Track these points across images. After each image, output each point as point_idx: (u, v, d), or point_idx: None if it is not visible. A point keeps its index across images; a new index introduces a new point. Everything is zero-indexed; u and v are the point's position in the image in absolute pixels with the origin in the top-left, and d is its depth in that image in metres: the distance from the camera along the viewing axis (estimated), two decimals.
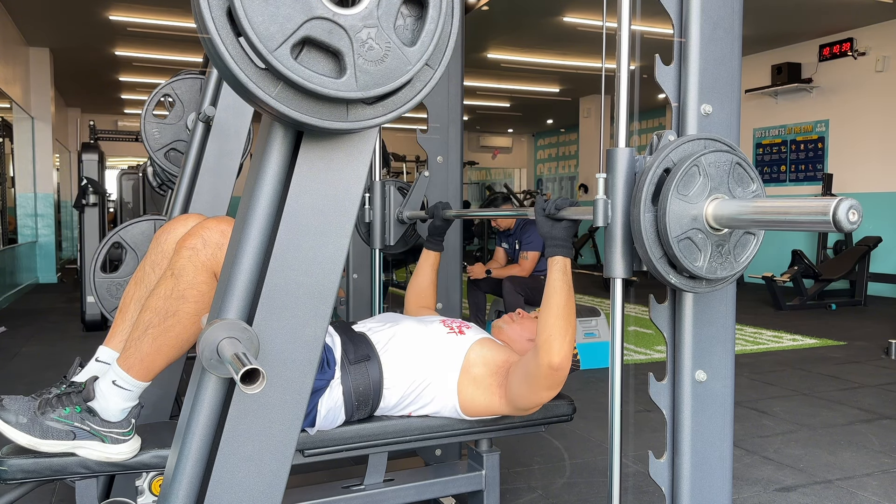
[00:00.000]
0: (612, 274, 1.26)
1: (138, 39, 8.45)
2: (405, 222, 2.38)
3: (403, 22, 1.06)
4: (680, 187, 1.15)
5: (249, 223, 1.18)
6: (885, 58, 7.86)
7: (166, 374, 2.09)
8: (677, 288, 1.22)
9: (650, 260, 1.18)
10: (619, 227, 1.23)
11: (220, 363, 1.09)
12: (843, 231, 0.97)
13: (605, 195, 1.24)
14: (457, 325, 1.85)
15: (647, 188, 1.17)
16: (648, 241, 1.17)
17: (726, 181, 1.18)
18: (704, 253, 1.17)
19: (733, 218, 1.14)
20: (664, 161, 1.18)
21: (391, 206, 2.38)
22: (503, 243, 5.13)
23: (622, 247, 1.24)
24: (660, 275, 1.19)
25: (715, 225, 1.17)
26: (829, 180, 8.09)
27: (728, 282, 1.26)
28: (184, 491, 1.21)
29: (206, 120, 2.34)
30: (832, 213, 0.96)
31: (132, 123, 13.45)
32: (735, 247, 1.21)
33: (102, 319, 5.57)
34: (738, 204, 1.15)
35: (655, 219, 1.17)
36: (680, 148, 1.20)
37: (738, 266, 1.21)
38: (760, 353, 4.98)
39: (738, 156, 1.20)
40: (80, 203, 5.81)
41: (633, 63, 1.26)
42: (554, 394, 1.68)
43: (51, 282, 9.52)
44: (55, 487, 2.45)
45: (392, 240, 2.39)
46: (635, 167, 1.23)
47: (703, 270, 1.17)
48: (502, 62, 9.59)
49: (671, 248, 1.15)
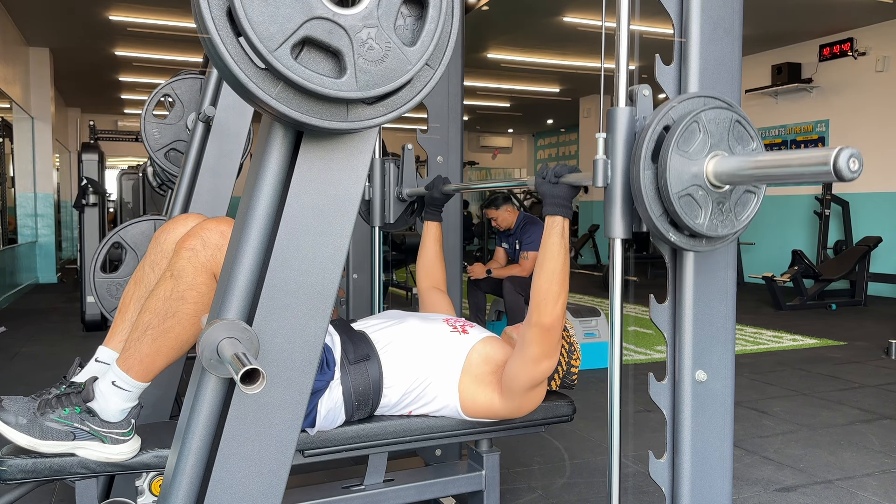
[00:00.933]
0: (612, 234, 1.26)
1: (138, 39, 8.45)
2: (405, 200, 2.38)
3: (403, 22, 1.06)
4: (680, 143, 1.14)
5: (249, 223, 1.17)
6: (885, 58, 7.86)
7: (166, 374, 2.09)
8: (677, 247, 1.22)
9: (650, 218, 1.18)
10: (619, 187, 1.23)
11: (220, 363, 1.09)
12: (843, 180, 0.96)
13: (604, 155, 1.24)
14: (460, 324, 1.85)
15: (647, 145, 1.17)
16: (648, 198, 1.17)
17: (726, 138, 1.18)
18: (705, 210, 1.17)
19: (734, 174, 1.14)
20: (664, 118, 1.18)
21: (391, 184, 2.38)
22: (503, 243, 5.13)
23: (622, 206, 1.24)
24: (659, 233, 1.19)
25: (715, 182, 1.17)
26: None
27: (728, 240, 1.25)
28: (184, 491, 1.21)
29: (206, 120, 2.34)
30: (833, 162, 0.95)
31: (132, 123, 13.45)
32: (736, 205, 1.21)
33: (102, 319, 5.57)
34: (738, 159, 1.15)
35: (656, 176, 1.17)
36: (680, 105, 1.20)
37: (738, 224, 1.21)
38: (760, 353, 4.98)
39: (738, 114, 1.20)
40: (80, 203, 5.81)
41: (632, 63, 1.27)
42: (547, 365, 1.65)
43: (51, 282, 9.52)
44: (55, 487, 2.45)
45: (392, 217, 2.39)
46: (635, 127, 1.23)
47: (703, 228, 1.17)
48: (502, 62, 9.59)
49: (672, 205, 1.15)
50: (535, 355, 1.63)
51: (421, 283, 2.20)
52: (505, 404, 1.73)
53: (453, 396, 1.73)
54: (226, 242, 1.48)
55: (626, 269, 1.31)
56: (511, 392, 1.71)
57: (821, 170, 0.98)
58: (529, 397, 1.74)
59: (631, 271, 9.09)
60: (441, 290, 2.18)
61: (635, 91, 1.24)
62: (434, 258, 2.19)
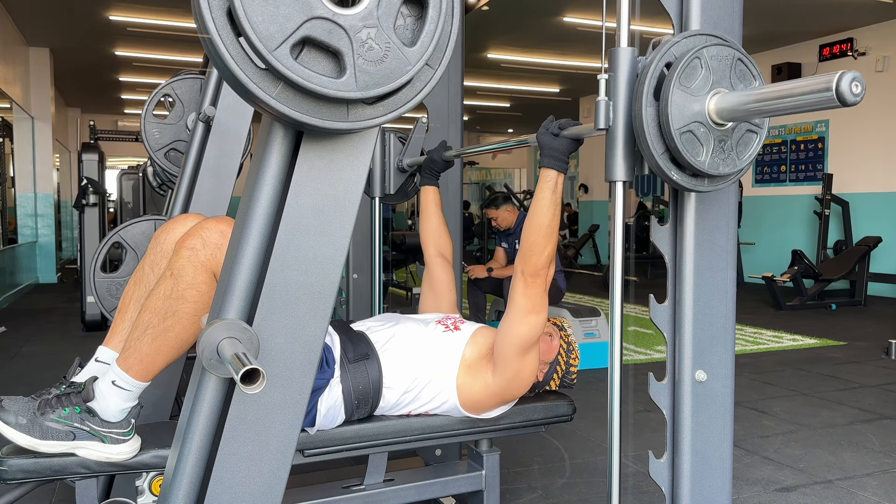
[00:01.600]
0: (613, 177, 1.25)
1: (138, 39, 8.45)
2: (405, 170, 2.38)
3: (403, 22, 1.06)
4: (682, 79, 1.14)
5: (249, 223, 1.17)
6: (885, 58, 7.86)
7: (166, 374, 2.09)
8: (679, 186, 1.21)
9: (652, 156, 1.17)
10: (621, 127, 1.23)
11: (220, 363, 1.09)
12: (846, 104, 0.95)
13: (606, 96, 1.24)
14: (452, 321, 1.85)
15: (648, 82, 1.16)
16: (650, 136, 1.16)
17: (728, 76, 1.18)
18: (707, 147, 1.17)
19: (735, 109, 1.14)
20: (666, 55, 1.18)
21: (391, 154, 2.38)
22: (503, 243, 5.13)
23: (623, 147, 1.23)
24: (662, 171, 1.18)
25: (717, 119, 1.17)
26: (829, 180, 8.09)
27: (730, 181, 1.25)
28: (184, 491, 1.21)
29: (206, 120, 2.34)
30: (835, 86, 0.95)
31: (132, 123, 13.46)
32: (737, 144, 1.21)
33: (102, 319, 5.57)
34: (739, 94, 1.14)
35: (657, 113, 1.16)
36: (681, 42, 1.19)
37: (740, 163, 1.21)
38: (760, 353, 4.98)
39: (739, 51, 1.19)
40: (80, 203, 5.81)
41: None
42: (534, 321, 1.65)
43: (51, 282, 9.52)
44: (55, 487, 2.45)
45: (392, 188, 2.39)
46: (637, 68, 1.23)
47: (705, 165, 1.17)
48: (502, 62, 9.59)
49: (673, 142, 1.14)
50: (522, 307, 1.64)
51: (427, 251, 2.18)
52: (497, 379, 1.72)
53: (452, 394, 1.73)
54: (225, 242, 1.48)
55: (626, 269, 1.31)
56: (503, 361, 1.70)
57: (824, 95, 0.97)
58: (522, 366, 1.72)
59: (631, 271, 9.09)
60: (447, 260, 2.16)
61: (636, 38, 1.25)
62: (437, 223, 2.18)
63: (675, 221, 1.34)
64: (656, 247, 1.35)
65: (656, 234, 1.35)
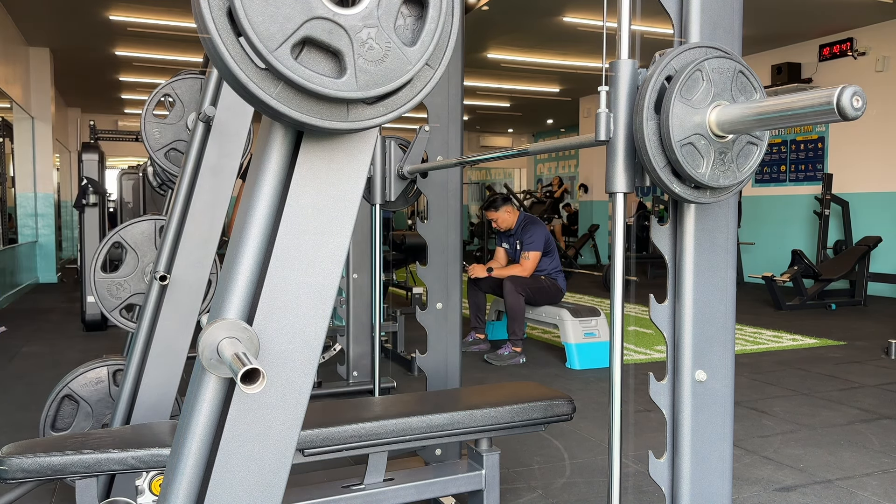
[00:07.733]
0: (614, 188, 1.25)
1: (138, 39, 8.45)
2: (406, 177, 2.39)
3: (403, 22, 1.06)
4: (683, 91, 1.14)
5: (249, 223, 1.18)
6: (885, 58, 7.87)
7: (166, 374, 2.09)
8: (680, 198, 1.22)
9: (654, 168, 1.18)
10: (622, 139, 1.23)
11: (220, 363, 1.09)
12: (847, 118, 0.96)
13: (606, 108, 1.24)
14: None
15: (649, 95, 1.17)
16: (651, 148, 1.17)
17: (729, 88, 1.18)
18: (707, 159, 1.17)
19: (737, 122, 1.14)
20: (666, 68, 1.18)
21: (392, 161, 2.39)
22: (503, 243, 5.13)
23: (624, 160, 1.23)
24: (663, 184, 1.19)
25: (718, 132, 1.17)
26: (829, 180, 8.09)
27: (731, 192, 1.25)
28: (184, 491, 1.21)
29: (206, 120, 2.34)
30: (836, 101, 0.95)
31: (132, 123, 13.46)
32: (738, 156, 1.21)
33: (102, 319, 5.58)
34: (741, 107, 1.15)
35: (658, 126, 1.16)
36: (682, 55, 1.20)
37: (740, 175, 1.21)
38: (760, 353, 4.98)
39: (741, 64, 1.20)
40: (80, 203, 5.81)
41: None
42: None
43: (51, 282, 9.52)
44: (55, 487, 2.45)
45: (392, 195, 2.40)
46: (637, 80, 1.23)
47: (705, 177, 1.17)
48: (502, 62, 9.59)
49: (674, 154, 1.14)
50: None
51: None
52: None
53: None
54: None
55: (626, 269, 1.31)
56: None
57: (824, 108, 0.97)
58: None
59: (631, 271, 9.09)
60: None
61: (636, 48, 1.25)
62: None
63: (675, 221, 1.35)
64: (656, 247, 1.35)
65: (656, 234, 1.35)
